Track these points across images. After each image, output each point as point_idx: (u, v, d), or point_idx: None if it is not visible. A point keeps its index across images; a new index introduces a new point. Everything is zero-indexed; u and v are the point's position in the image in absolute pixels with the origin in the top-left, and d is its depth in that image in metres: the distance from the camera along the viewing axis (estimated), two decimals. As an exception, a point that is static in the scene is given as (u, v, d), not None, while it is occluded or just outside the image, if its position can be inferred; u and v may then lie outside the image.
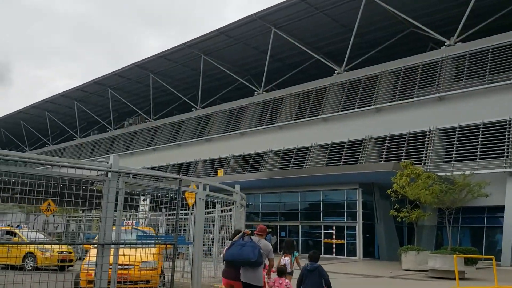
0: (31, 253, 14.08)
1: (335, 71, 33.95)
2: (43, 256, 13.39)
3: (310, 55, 35.38)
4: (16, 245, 10.71)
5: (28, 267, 13.36)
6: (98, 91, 49.62)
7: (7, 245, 9.96)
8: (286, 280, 7.65)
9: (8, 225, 15.03)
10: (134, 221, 11.46)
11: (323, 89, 33.58)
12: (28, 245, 13.01)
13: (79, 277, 8.78)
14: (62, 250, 14.23)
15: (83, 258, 9.85)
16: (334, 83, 33.09)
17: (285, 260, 9.56)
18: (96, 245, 7.81)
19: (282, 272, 7.81)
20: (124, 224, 10.85)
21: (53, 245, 12.86)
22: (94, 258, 8.89)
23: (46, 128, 59.42)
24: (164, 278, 10.03)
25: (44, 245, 11.63)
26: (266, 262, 7.74)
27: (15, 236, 14.92)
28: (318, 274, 7.28)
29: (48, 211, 6.92)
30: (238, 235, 7.53)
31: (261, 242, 7.63)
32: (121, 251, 7.10)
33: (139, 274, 8.72)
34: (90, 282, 8.46)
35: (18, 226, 15.35)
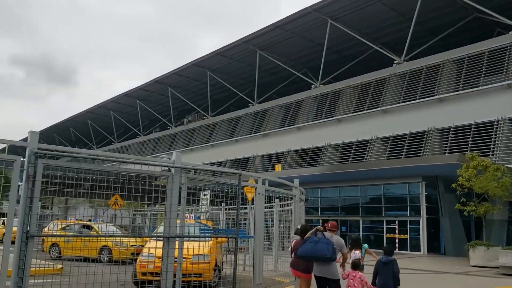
0: (106, 246, 14.72)
1: (395, 62, 32.92)
2: (117, 249, 13.86)
3: (368, 46, 34.54)
4: (92, 238, 11.25)
5: (104, 259, 14.03)
6: (159, 90, 51.19)
7: (84, 238, 10.52)
8: (360, 273, 7.83)
9: (89, 220, 15.82)
10: (193, 215, 11.69)
11: (382, 80, 32.67)
12: (103, 239, 13.64)
13: (136, 269, 9.09)
14: (135, 244, 14.73)
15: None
16: (394, 74, 32.09)
17: (356, 254, 9.75)
18: (153, 238, 8.09)
19: (357, 265, 7.99)
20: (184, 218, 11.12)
21: (128, 238, 13.28)
22: (148, 251, 9.19)
23: (112, 126, 62.14)
24: (220, 272, 9.93)
25: (119, 239, 11.97)
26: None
27: (91, 230, 15.63)
28: (392, 268, 7.53)
29: (115, 205, 7.22)
30: (311, 231, 7.76)
31: (334, 238, 7.88)
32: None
33: (190, 267, 8.68)
34: (144, 274, 8.75)
35: (93, 220, 16.10)
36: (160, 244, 8.46)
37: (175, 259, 7.44)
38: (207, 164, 40.86)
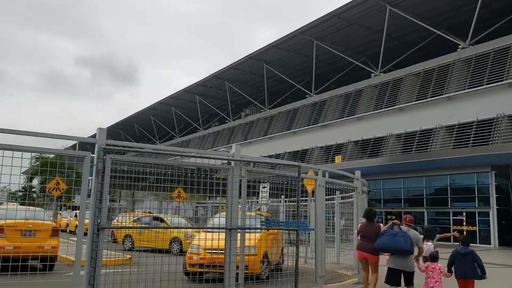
0: (176, 238, 15.16)
1: (459, 46, 31.29)
2: (187, 240, 14.16)
3: (429, 31, 33.09)
4: (163, 229, 11.62)
5: (175, 251, 14.48)
6: (217, 85, 51.97)
7: (155, 229, 10.94)
8: (439, 265, 7.95)
9: (165, 213, 16.35)
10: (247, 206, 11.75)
11: (446, 66, 31.18)
12: (173, 230, 14.05)
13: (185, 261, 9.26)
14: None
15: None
16: (459, 59, 30.53)
17: (429, 245, 9.77)
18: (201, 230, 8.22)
19: (435, 257, 8.13)
20: (239, 209, 11.19)
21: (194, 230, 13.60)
22: (197, 242, 9.33)
23: (173, 121, 63.95)
24: (270, 264, 9.66)
25: (190, 231, 12.24)
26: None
27: (162, 222, 16.11)
28: (472, 258, 7.75)
29: (179, 198, 7.42)
30: (387, 225, 8.17)
31: (411, 232, 8.11)
32: (216, 235, 7.35)
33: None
34: (192, 265, 8.87)
35: (163, 212, 16.63)
36: (209, 236, 8.61)
37: (218, 251, 7.54)
38: (265, 156, 41.05)
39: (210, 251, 8.92)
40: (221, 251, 8.52)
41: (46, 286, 5.92)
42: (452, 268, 7.86)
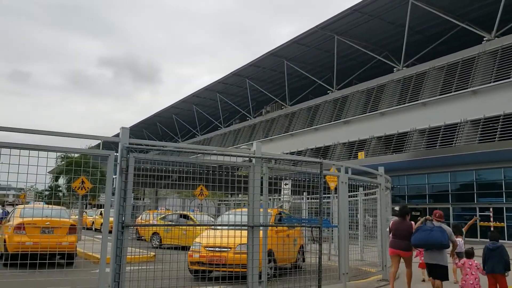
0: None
1: (484, 39, 30.56)
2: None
3: (453, 23, 32.41)
4: (191, 227, 11.72)
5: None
6: (237, 82, 52.04)
7: (183, 227, 11.05)
8: (476, 261, 7.99)
9: (193, 211, 16.44)
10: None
11: (471, 59, 30.50)
12: (199, 228, 14.10)
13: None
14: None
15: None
16: (484, 52, 29.81)
17: (459, 241, 9.87)
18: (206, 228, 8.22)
19: (471, 254, 8.17)
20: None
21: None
22: (199, 240, 9.32)
23: (194, 120, 64.37)
24: (276, 262, 9.02)
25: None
26: None
27: (188, 219, 16.19)
28: (500, 253, 7.72)
29: (201, 195, 7.46)
30: (420, 221, 8.32)
31: (443, 227, 8.22)
32: (218, 233, 7.25)
33: (233, 257, 8.41)
34: (192, 263, 8.77)
35: (189, 210, 16.72)
36: (211, 233, 8.55)
37: (217, 249, 7.42)
38: (287, 153, 40.93)
39: (210, 249, 8.87)
40: (222, 249, 8.49)
41: (73, 283, 6.03)
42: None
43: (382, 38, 37.93)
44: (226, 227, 8.33)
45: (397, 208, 9.94)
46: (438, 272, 7.99)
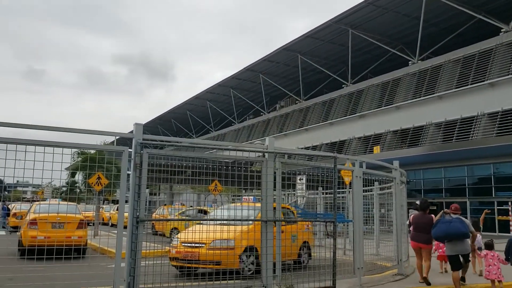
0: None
1: (502, 30, 29.97)
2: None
3: (469, 15, 31.85)
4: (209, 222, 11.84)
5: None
6: (251, 78, 51.97)
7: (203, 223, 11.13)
8: (497, 253, 8.30)
9: (211, 206, 16.50)
10: (252, 197, 11.71)
11: (488, 51, 29.97)
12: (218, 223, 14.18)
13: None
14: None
15: None
16: (501, 44, 29.25)
17: (478, 236, 10.03)
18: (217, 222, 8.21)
19: (490, 245, 8.53)
20: (243, 200, 11.13)
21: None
22: (179, 236, 9.28)
23: (208, 116, 64.57)
24: (256, 258, 8.53)
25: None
26: None
27: (206, 215, 16.27)
28: None
29: (215, 191, 7.49)
30: (439, 215, 8.58)
31: (461, 218, 8.51)
32: (196, 228, 7.15)
33: (206, 254, 8.24)
34: (172, 259, 8.33)
35: (208, 205, 16.77)
36: (197, 228, 8.48)
37: (190, 245, 7.12)
38: (302, 148, 40.82)
39: (186, 244, 8.74)
40: (197, 245, 8.39)
41: (89, 278, 6.11)
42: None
43: (397, 31, 37.51)
44: (233, 222, 8.27)
45: (417, 202, 10.17)
46: (460, 261, 8.28)
